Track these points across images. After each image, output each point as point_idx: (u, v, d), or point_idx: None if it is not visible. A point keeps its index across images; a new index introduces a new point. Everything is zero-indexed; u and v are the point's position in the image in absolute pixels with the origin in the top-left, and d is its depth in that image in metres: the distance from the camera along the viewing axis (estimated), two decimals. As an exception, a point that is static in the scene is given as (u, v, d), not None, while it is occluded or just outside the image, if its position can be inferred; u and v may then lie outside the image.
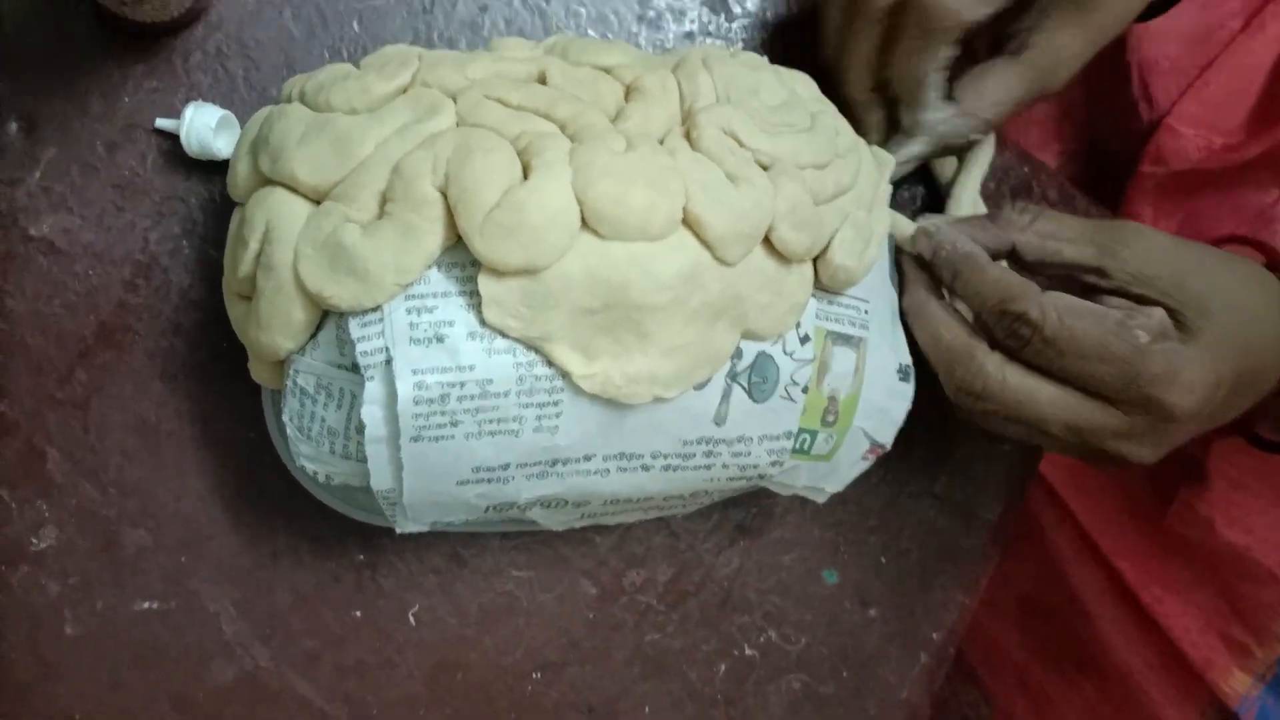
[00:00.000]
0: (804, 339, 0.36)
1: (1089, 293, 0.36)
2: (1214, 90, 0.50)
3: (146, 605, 0.39)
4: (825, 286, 0.36)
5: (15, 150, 0.37)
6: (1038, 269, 0.38)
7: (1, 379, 0.37)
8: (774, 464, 0.37)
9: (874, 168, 0.38)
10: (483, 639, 0.42)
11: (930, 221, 0.38)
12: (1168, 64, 0.52)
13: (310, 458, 0.33)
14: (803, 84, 0.38)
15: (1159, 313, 0.35)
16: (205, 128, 0.36)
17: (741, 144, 0.33)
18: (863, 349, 0.37)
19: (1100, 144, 0.55)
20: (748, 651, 0.45)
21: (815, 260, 0.35)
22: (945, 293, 0.39)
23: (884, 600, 0.47)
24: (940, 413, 0.47)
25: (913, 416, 0.47)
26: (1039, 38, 0.39)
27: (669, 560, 0.44)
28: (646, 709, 0.44)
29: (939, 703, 0.50)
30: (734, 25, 0.43)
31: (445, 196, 0.30)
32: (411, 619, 0.41)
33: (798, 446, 0.37)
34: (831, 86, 0.40)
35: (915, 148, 0.41)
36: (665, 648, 0.44)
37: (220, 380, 0.38)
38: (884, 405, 0.39)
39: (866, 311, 0.38)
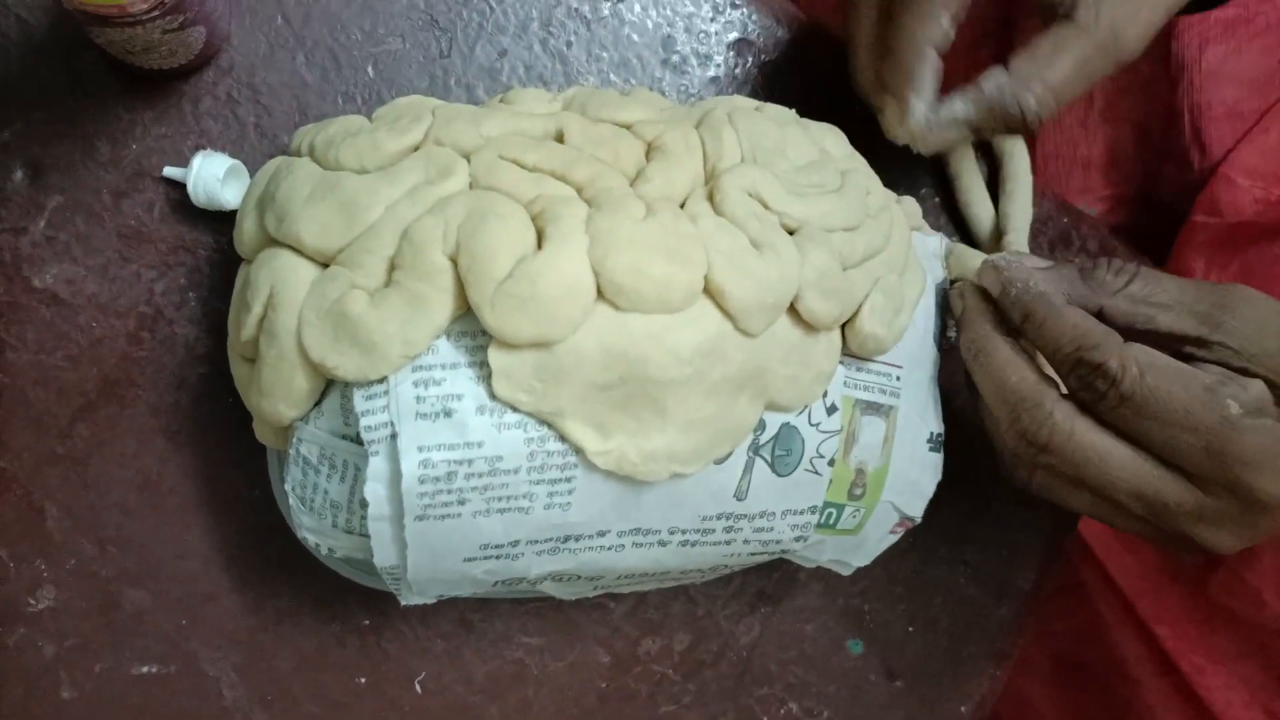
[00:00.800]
0: (831, 409, 0.34)
1: (1184, 360, 0.33)
2: (1274, 139, 0.47)
3: (145, 669, 0.37)
4: (854, 353, 0.34)
5: (21, 198, 0.36)
6: (1126, 333, 0.34)
7: (1, 433, 0.36)
8: (798, 539, 0.35)
9: (905, 229, 0.36)
10: (490, 709, 0.40)
11: (1001, 256, 0.35)
12: (1223, 109, 0.49)
13: (312, 530, 0.32)
14: (833, 139, 0.36)
15: (1258, 384, 0.31)
16: (213, 178, 0.35)
17: (768, 207, 0.32)
18: (893, 418, 0.36)
19: (1148, 193, 0.53)
20: (767, 724, 0.43)
21: (843, 327, 0.34)
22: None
23: (911, 672, 0.45)
24: (975, 477, 0.46)
25: (946, 481, 0.45)
26: None
27: (686, 628, 0.42)
28: (660, 783, 0.42)
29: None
30: (759, 70, 0.42)
31: (455, 265, 0.29)
32: (417, 687, 0.40)
33: (823, 521, 0.35)
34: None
35: (959, 108, 0.36)
36: None
37: (225, 437, 0.37)
38: (914, 478, 0.37)
39: (898, 379, 0.36)
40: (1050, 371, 0.34)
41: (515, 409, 0.29)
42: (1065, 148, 0.52)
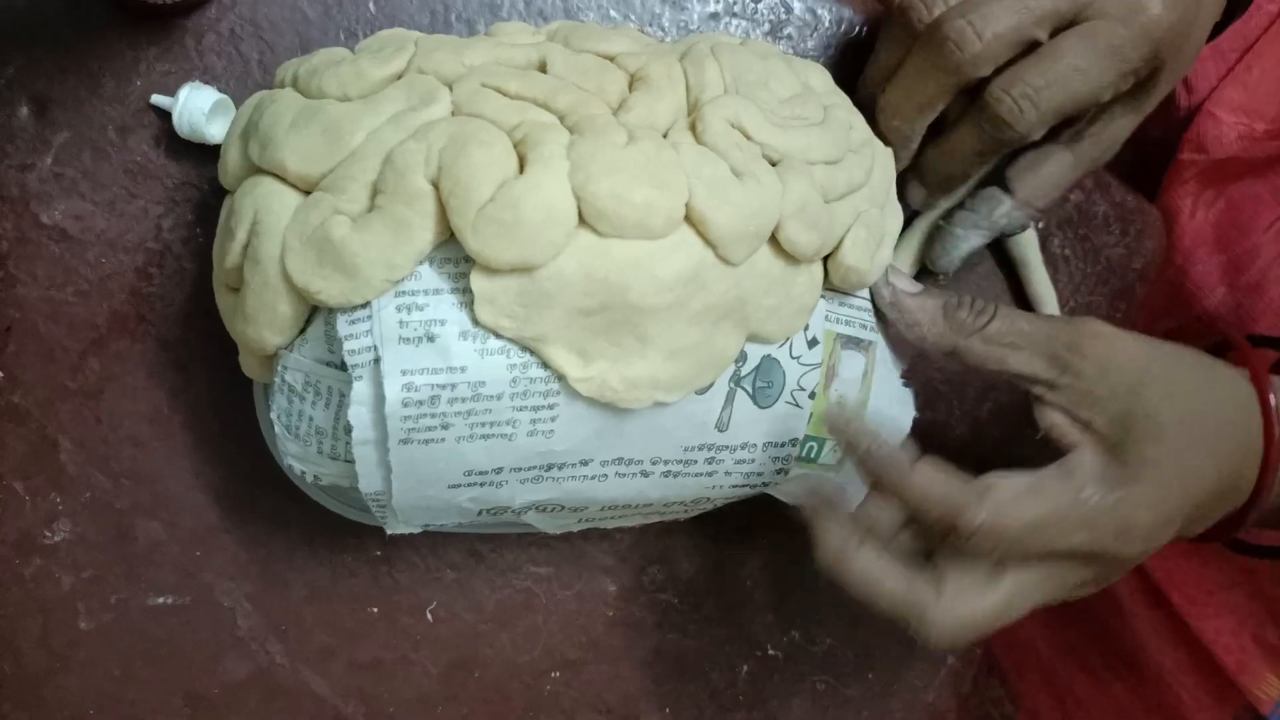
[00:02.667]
0: (812, 342, 0.34)
1: (1034, 402, 0.34)
2: (1256, 75, 0.48)
3: (160, 600, 0.38)
4: (835, 287, 0.35)
5: (27, 134, 0.36)
6: (981, 374, 0.36)
7: (14, 368, 0.36)
8: (779, 472, 0.35)
9: (888, 164, 0.36)
10: (500, 636, 0.41)
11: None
12: (1207, 49, 0.50)
13: (298, 457, 0.32)
14: (816, 75, 0.36)
15: (1098, 459, 0.33)
16: (198, 111, 0.35)
17: (749, 138, 0.32)
18: (873, 353, 0.36)
19: (1136, 132, 0.54)
20: (771, 652, 0.44)
21: (825, 260, 0.34)
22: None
23: (910, 600, 0.46)
24: (966, 418, 0.46)
25: (946, 416, 0.46)
26: (1097, 128, 0.38)
27: (690, 558, 0.43)
28: (666, 710, 0.43)
29: (962, 698, 0.48)
30: (760, 6, 0.42)
31: (438, 189, 0.29)
32: (428, 615, 0.40)
33: (804, 454, 0.35)
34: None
35: (975, 240, 0.39)
36: (686, 647, 0.43)
37: (235, 369, 0.37)
38: (893, 413, 0.37)
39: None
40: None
41: (498, 335, 0.29)
42: None
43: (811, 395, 0.34)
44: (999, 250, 0.44)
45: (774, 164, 0.32)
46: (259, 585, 0.39)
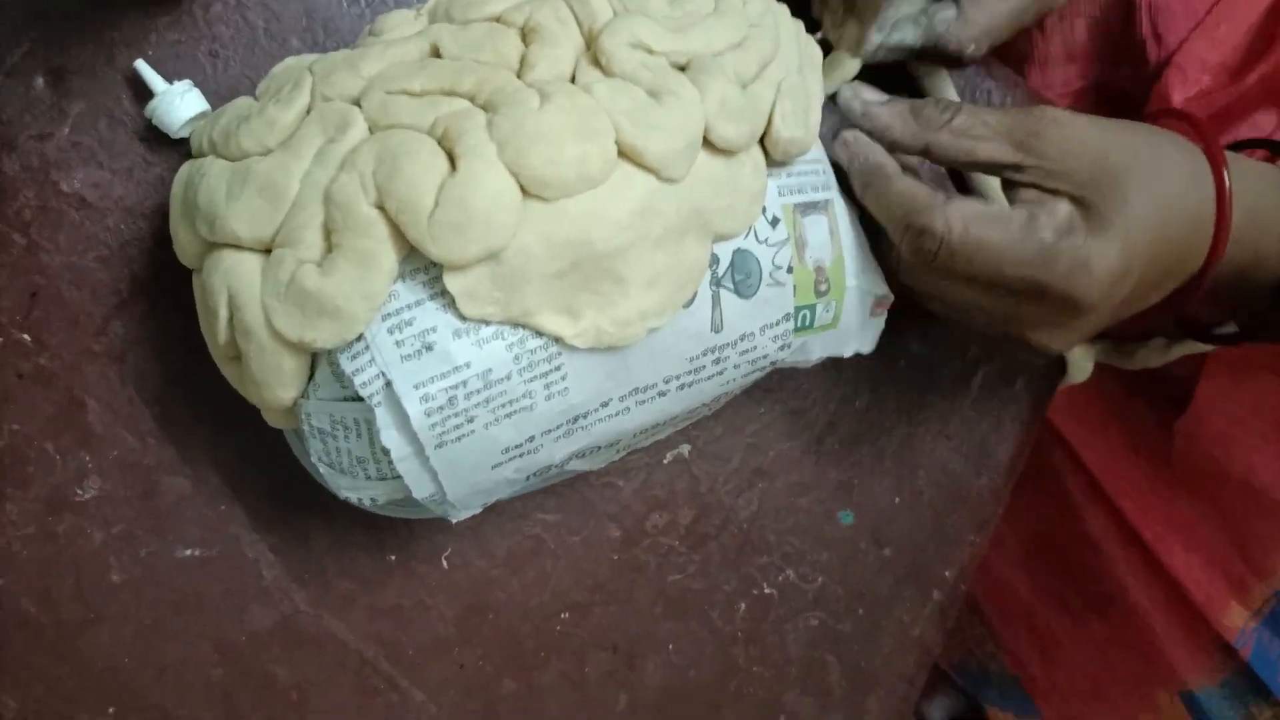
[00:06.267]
0: (774, 221, 0.35)
1: (1006, 187, 0.36)
2: (1223, 30, 0.49)
3: (188, 552, 0.39)
4: (779, 162, 0.35)
5: (44, 104, 0.36)
6: (953, 167, 0.38)
7: (40, 332, 0.37)
8: (782, 348, 0.36)
9: (793, 26, 0.36)
10: (511, 581, 0.42)
11: (850, 133, 0.37)
12: (1179, 2, 0.51)
13: (350, 488, 0.33)
14: None
15: (1063, 208, 0.34)
16: (176, 119, 0.35)
17: (652, 51, 0.32)
18: (833, 210, 0.36)
19: (1107, 86, 0.54)
20: (767, 591, 0.46)
21: (762, 141, 0.34)
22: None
23: (898, 540, 0.47)
24: (958, 356, 0.48)
25: (930, 361, 0.48)
26: None
27: (690, 503, 0.44)
28: (670, 647, 0.45)
29: (948, 634, 0.50)
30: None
31: (384, 211, 0.29)
32: (444, 562, 0.42)
33: (800, 324, 0.36)
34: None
35: (908, 36, 0.39)
36: (687, 588, 0.45)
37: (252, 332, 0.38)
38: (870, 256, 0.38)
39: (825, 171, 0.37)
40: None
41: (487, 323, 0.30)
42: (1023, 45, 0.54)
43: (789, 270, 0.35)
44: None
45: (683, 68, 0.32)
46: (282, 537, 0.40)
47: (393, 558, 0.41)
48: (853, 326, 0.38)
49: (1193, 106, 0.47)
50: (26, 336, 0.37)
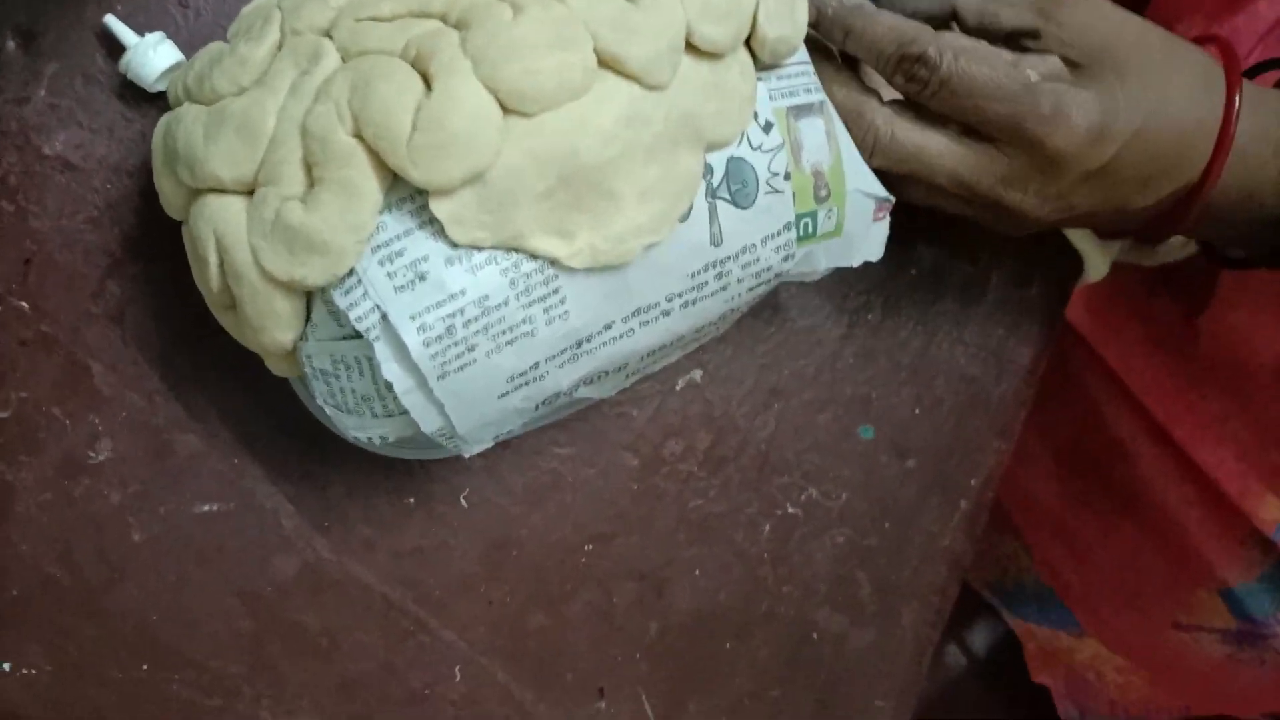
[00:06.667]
0: (767, 126, 0.33)
1: (1022, 50, 0.36)
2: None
3: (206, 508, 0.39)
4: (768, 64, 0.34)
5: (17, 67, 0.36)
6: (975, 33, 0.37)
7: (37, 298, 0.37)
8: (785, 259, 0.35)
9: None
10: (532, 516, 0.42)
11: None
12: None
13: (358, 428, 0.32)
14: None
15: (1054, 60, 0.35)
16: (151, 70, 0.34)
17: None
18: (828, 111, 0.35)
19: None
20: (790, 510, 0.45)
21: (748, 43, 0.33)
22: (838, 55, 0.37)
23: (921, 451, 0.46)
24: (970, 260, 0.47)
25: (942, 265, 0.46)
26: None
27: (705, 428, 0.44)
28: (696, 572, 0.44)
29: (976, 541, 0.50)
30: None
31: (363, 139, 0.28)
32: (463, 502, 0.41)
33: (802, 233, 0.35)
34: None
35: None
36: (709, 512, 0.44)
37: (249, 283, 0.38)
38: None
39: (814, 72, 0.35)
40: (877, 81, 0.37)
41: (479, 248, 0.29)
42: None
43: (787, 176, 0.34)
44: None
45: None
46: (298, 487, 0.39)
47: (411, 500, 0.41)
48: (857, 232, 0.37)
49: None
50: (24, 304, 0.36)
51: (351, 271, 0.29)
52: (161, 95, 0.36)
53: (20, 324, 0.36)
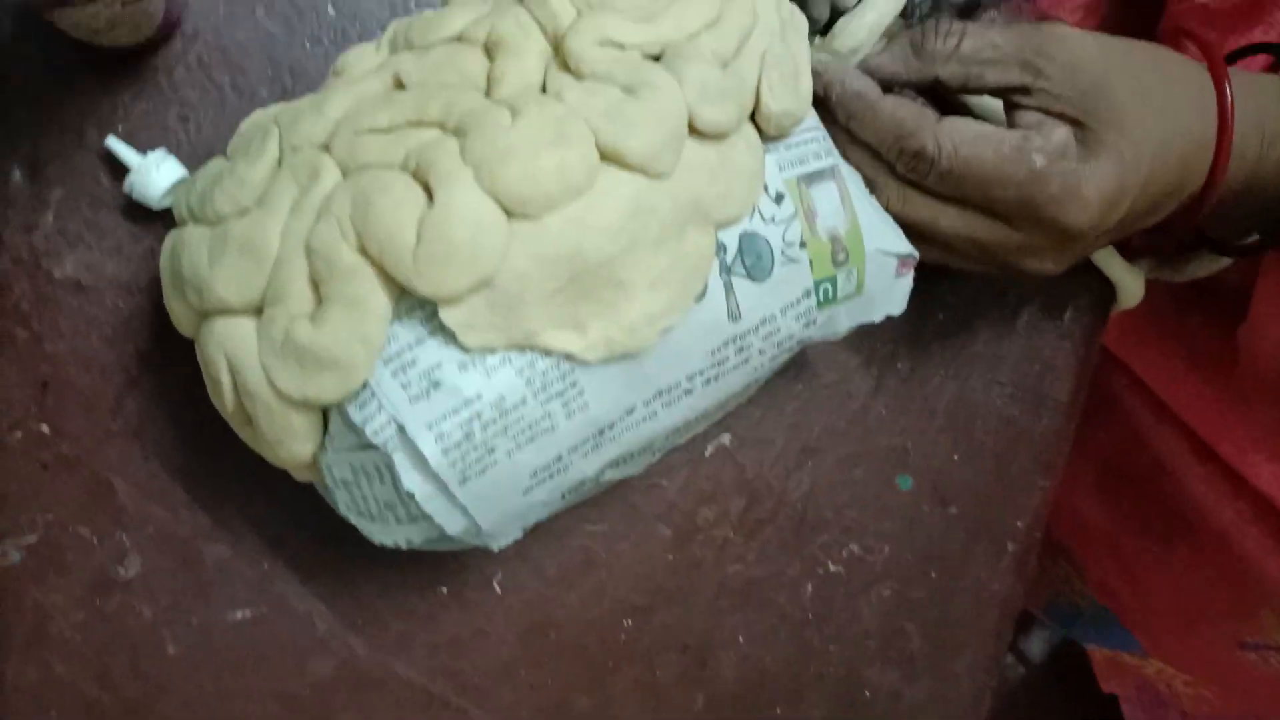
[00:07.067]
0: (778, 198, 0.32)
1: (1010, 109, 0.34)
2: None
3: (239, 615, 0.38)
4: (775, 135, 0.33)
5: (24, 196, 0.35)
6: (961, 93, 0.36)
7: (57, 420, 0.36)
8: (807, 326, 0.34)
9: None
10: (568, 596, 0.41)
11: (818, 58, 0.35)
12: None
13: (384, 534, 0.32)
14: None
15: (1060, 132, 0.33)
16: (155, 188, 0.34)
17: (623, 47, 0.30)
18: (840, 174, 0.34)
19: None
20: (832, 568, 0.44)
21: (753, 118, 0.32)
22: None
23: (963, 497, 0.45)
24: (998, 300, 0.45)
25: (970, 307, 0.45)
26: None
27: (739, 492, 0.42)
28: (740, 639, 0.43)
29: (1029, 582, 0.48)
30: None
31: (368, 255, 0.28)
32: (496, 587, 0.40)
33: (822, 299, 0.34)
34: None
35: (882, 3, 0.35)
36: (749, 577, 0.43)
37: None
38: (885, 222, 0.36)
39: (825, 136, 0.34)
40: None
41: (493, 350, 0.29)
42: None
43: (802, 245, 0.33)
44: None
45: (658, 58, 0.30)
46: (329, 587, 0.39)
47: (444, 590, 0.40)
48: (878, 292, 0.36)
49: (1215, 2, 0.44)
50: (45, 427, 0.36)
51: (365, 385, 0.29)
52: (168, 210, 0.36)
53: (41, 447, 0.36)
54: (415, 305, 0.29)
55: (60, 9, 0.31)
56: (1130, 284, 0.46)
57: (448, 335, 0.28)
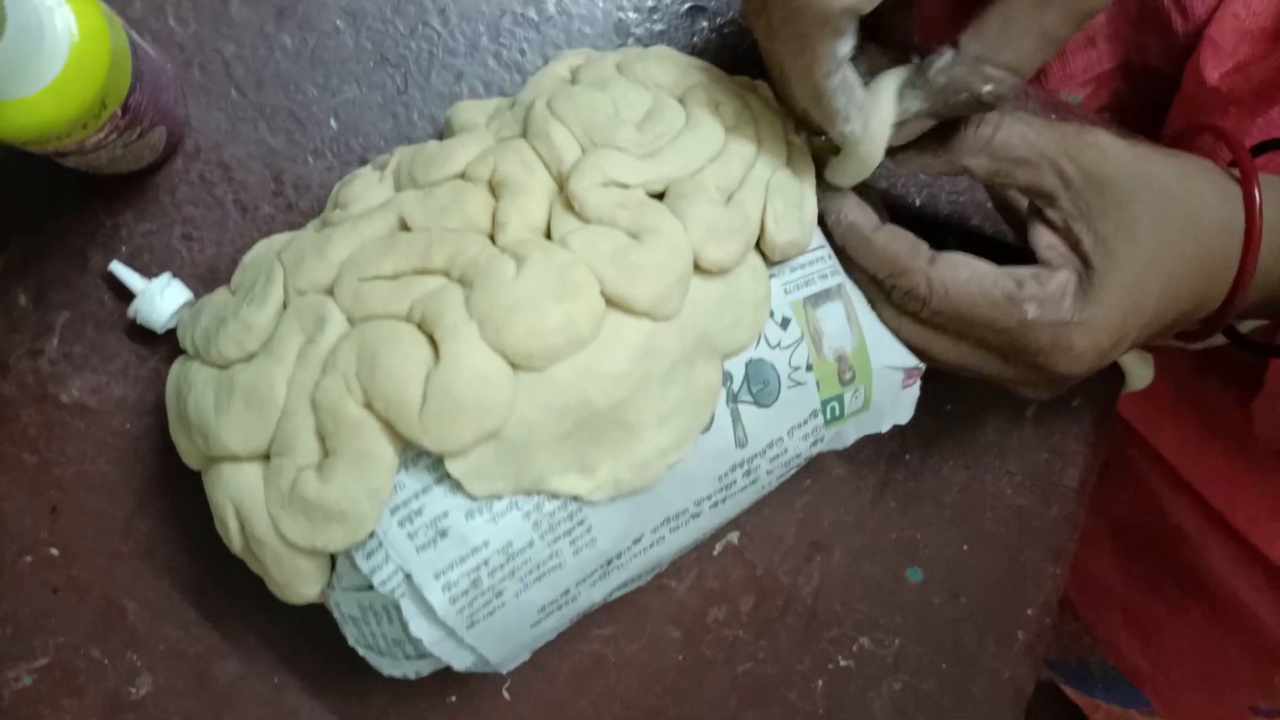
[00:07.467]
0: (784, 323, 0.32)
1: (1031, 212, 0.33)
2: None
3: (252, 729, 0.38)
4: (780, 260, 0.32)
5: (30, 321, 0.35)
6: (988, 187, 0.35)
7: (68, 543, 0.36)
8: (814, 444, 0.34)
9: (771, 114, 0.33)
10: (579, 701, 0.41)
11: (819, 191, 0.33)
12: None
13: (393, 668, 0.32)
14: (658, 66, 0.33)
15: (1059, 279, 0.32)
16: (159, 314, 0.34)
17: (627, 186, 0.29)
18: (845, 293, 0.34)
19: (1135, 65, 0.50)
20: (843, 663, 0.43)
21: (758, 245, 0.31)
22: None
23: (973, 587, 0.44)
24: (1004, 391, 0.44)
25: (977, 398, 0.44)
26: None
27: (749, 590, 0.42)
28: (752, 736, 0.43)
29: (1039, 667, 0.47)
30: (717, 35, 0.40)
31: (374, 410, 0.28)
32: (505, 694, 0.40)
33: (829, 416, 0.34)
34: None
35: (912, 107, 0.30)
36: (760, 675, 0.42)
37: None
38: (892, 339, 0.35)
39: (830, 256, 0.34)
40: None
41: (499, 497, 0.28)
42: None
43: (809, 367, 0.32)
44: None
45: (662, 195, 0.30)
46: (341, 699, 0.38)
47: (453, 698, 0.40)
48: (885, 405, 0.35)
49: (1230, 84, 0.43)
50: (54, 550, 0.36)
51: (372, 534, 0.29)
52: (171, 334, 0.35)
53: (52, 571, 0.36)
54: (421, 455, 0.29)
55: (64, 156, 0.30)
56: (1139, 369, 0.45)
57: (454, 483, 0.28)
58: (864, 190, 0.34)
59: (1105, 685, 0.65)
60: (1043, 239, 0.33)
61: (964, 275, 0.32)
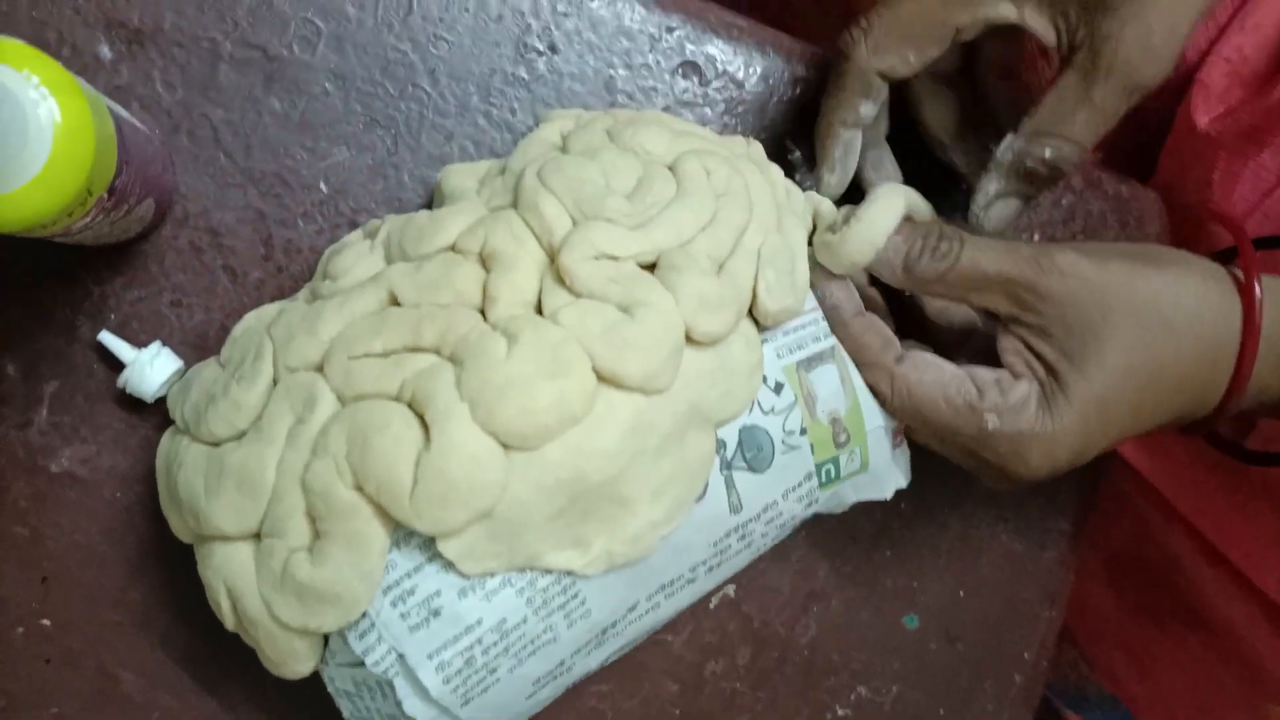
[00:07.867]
0: (777, 388, 0.32)
1: (1000, 322, 0.33)
2: (1249, 37, 0.43)
3: (247, 795, 0.38)
4: (772, 326, 0.32)
5: (18, 392, 0.35)
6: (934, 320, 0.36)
7: (61, 614, 0.36)
8: (808, 506, 0.34)
9: (761, 179, 0.33)
10: (577, 758, 0.41)
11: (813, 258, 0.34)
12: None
13: None
14: (650, 134, 0.32)
15: (1020, 390, 0.32)
16: (149, 384, 0.34)
17: (617, 258, 0.29)
18: (839, 354, 0.33)
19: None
20: (841, 712, 0.43)
21: (750, 312, 0.31)
22: None
23: (969, 633, 0.44)
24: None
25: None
26: (1101, 25, 0.31)
27: (746, 642, 0.42)
28: (751, 787, 0.43)
29: (1035, 710, 0.47)
30: (707, 91, 0.39)
31: (364, 492, 0.27)
32: (503, 752, 0.40)
33: (825, 479, 0.33)
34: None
35: (991, 185, 0.35)
36: (758, 726, 0.42)
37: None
38: None
39: (822, 318, 0.34)
40: None
41: (492, 574, 0.28)
42: (1030, 76, 0.49)
43: (803, 431, 0.32)
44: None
45: (653, 266, 0.30)
46: (337, 763, 0.38)
47: (452, 759, 0.39)
48: (881, 466, 0.35)
49: (1219, 128, 0.43)
50: (47, 622, 0.35)
51: (365, 614, 0.28)
52: (161, 402, 0.35)
53: (45, 643, 0.36)
54: (413, 535, 0.28)
55: (52, 238, 0.30)
56: None
57: (446, 562, 0.28)
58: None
59: (1102, 713, 0.65)
60: (1009, 345, 0.33)
61: (929, 378, 0.32)
